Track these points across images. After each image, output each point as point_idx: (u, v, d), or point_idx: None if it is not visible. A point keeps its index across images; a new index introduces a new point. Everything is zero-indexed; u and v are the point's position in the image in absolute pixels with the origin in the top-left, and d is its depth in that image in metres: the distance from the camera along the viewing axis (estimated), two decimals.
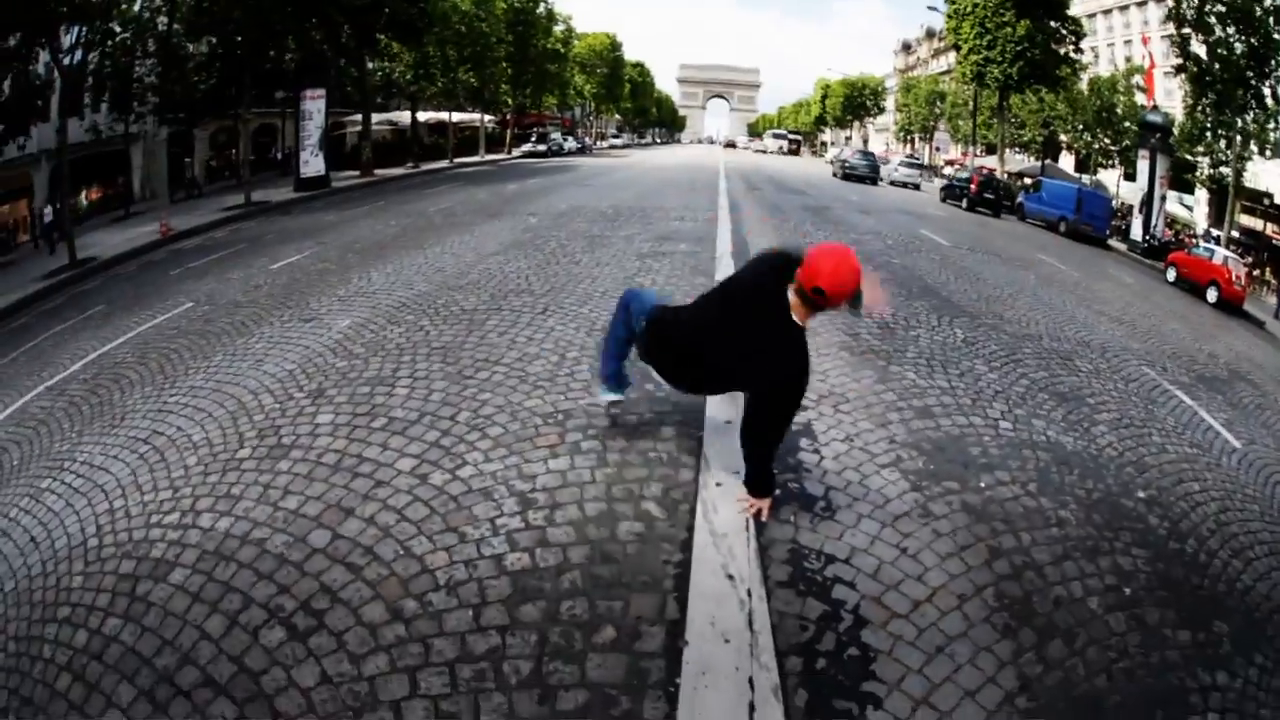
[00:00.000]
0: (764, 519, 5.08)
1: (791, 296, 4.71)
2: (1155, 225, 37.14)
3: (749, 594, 4.39)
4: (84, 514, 5.96)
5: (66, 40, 24.89)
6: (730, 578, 4.49)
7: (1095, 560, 5.40)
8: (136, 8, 29.72)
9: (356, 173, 41.30)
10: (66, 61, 24.86)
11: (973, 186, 42.69)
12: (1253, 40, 32.73)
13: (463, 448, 6.04)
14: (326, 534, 5.02)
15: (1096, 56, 62.54)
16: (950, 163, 77.67)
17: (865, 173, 51.46)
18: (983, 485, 6.08)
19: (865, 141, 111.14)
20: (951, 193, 44.39)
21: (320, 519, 5.20)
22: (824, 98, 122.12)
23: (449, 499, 5.33)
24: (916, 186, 53.83)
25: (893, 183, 53.48)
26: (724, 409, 6.47)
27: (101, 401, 8.78)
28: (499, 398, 6.99)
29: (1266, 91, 33.45)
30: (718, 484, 5.41)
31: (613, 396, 6.26)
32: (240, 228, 25.58)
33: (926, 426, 6.98)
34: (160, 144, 31.75)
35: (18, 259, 25.71)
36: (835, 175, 53.13)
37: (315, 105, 35.31)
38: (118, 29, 29.29)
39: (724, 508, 5.11)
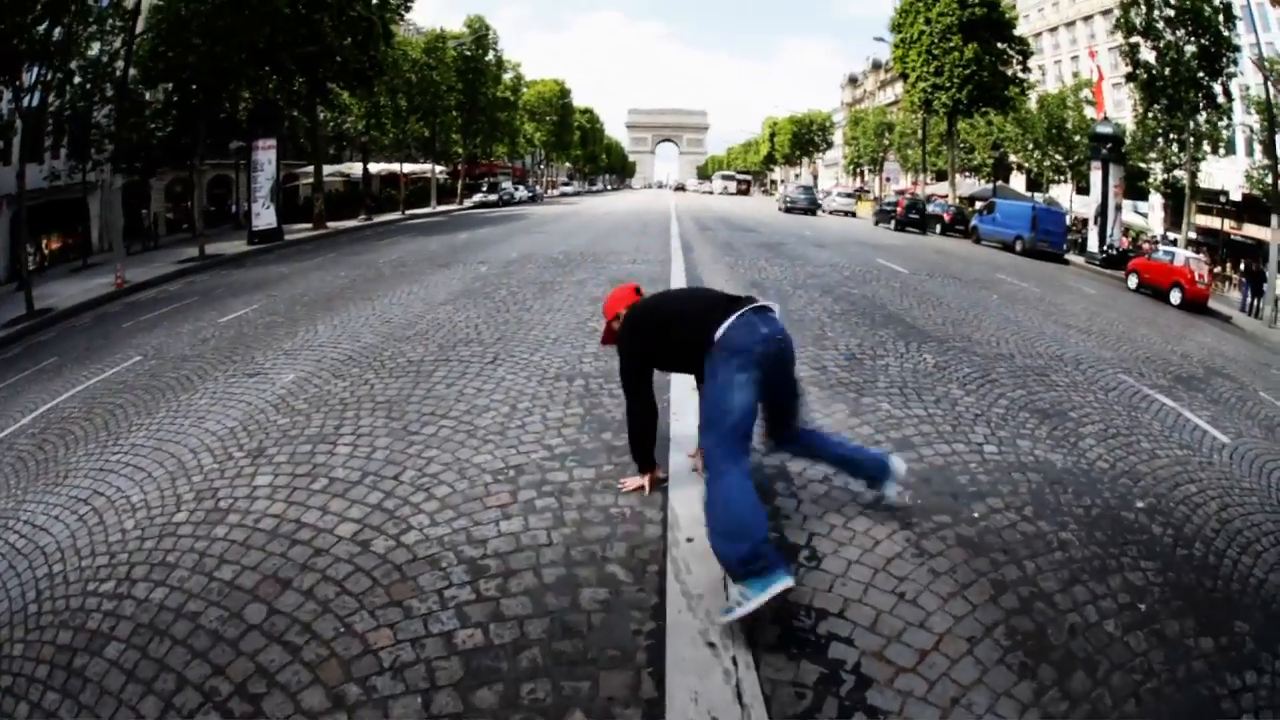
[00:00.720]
0: (646, 490, 5.60)
1: None
2: (1111, 234, 37.17)
3: (734, 662, 3.88)
4: (25, 577, 5.61)
5: (26, 80, 24.05)
6: (711, 645, 3.97)
7: (1105, 580, 5.03)
8: (95, 51, 29.18)
9: (309, 225, 40.60)
10: (26, 103, 24.07)
11: (899, 209, 47.50)
12: (1203, 40, 33.09)
13: (407, 510, 5.52)
14: (262, 609, 4.58)
15: (1044, 74, 63.38)
16: (900, 193, 77.53)
17: (805, 205, 56.14)
18: (976, 515, 5.64)
19: (815, 177, 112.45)
20: (883, 216, 49.18)
21: (256, 591, 4.75)
22: (772, 136, 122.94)
23: (392, 569, 4.81)
24: (852, 214, 58.93)
25: (831, 212, 58.79)
26: (688, 457, 6.03)
27: (47, 458, 8.33)
28: (446, 454, 6.49)
29: (1218, 89, 33.81)
30: (688, 539, 4.90)
31: (781, 584, 4.07)
32: (194, 280, 24.93)
33: (908, 459, 6.45)
34: (116, 193, 31.01)
35: None
36: (780, 210, 56.99)
37: (266, 155, 34.43)
38: (76, 74, 28.76)
39: (697, 566, 4.61)
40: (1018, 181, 63.54)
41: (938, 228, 46.43)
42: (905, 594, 4.59)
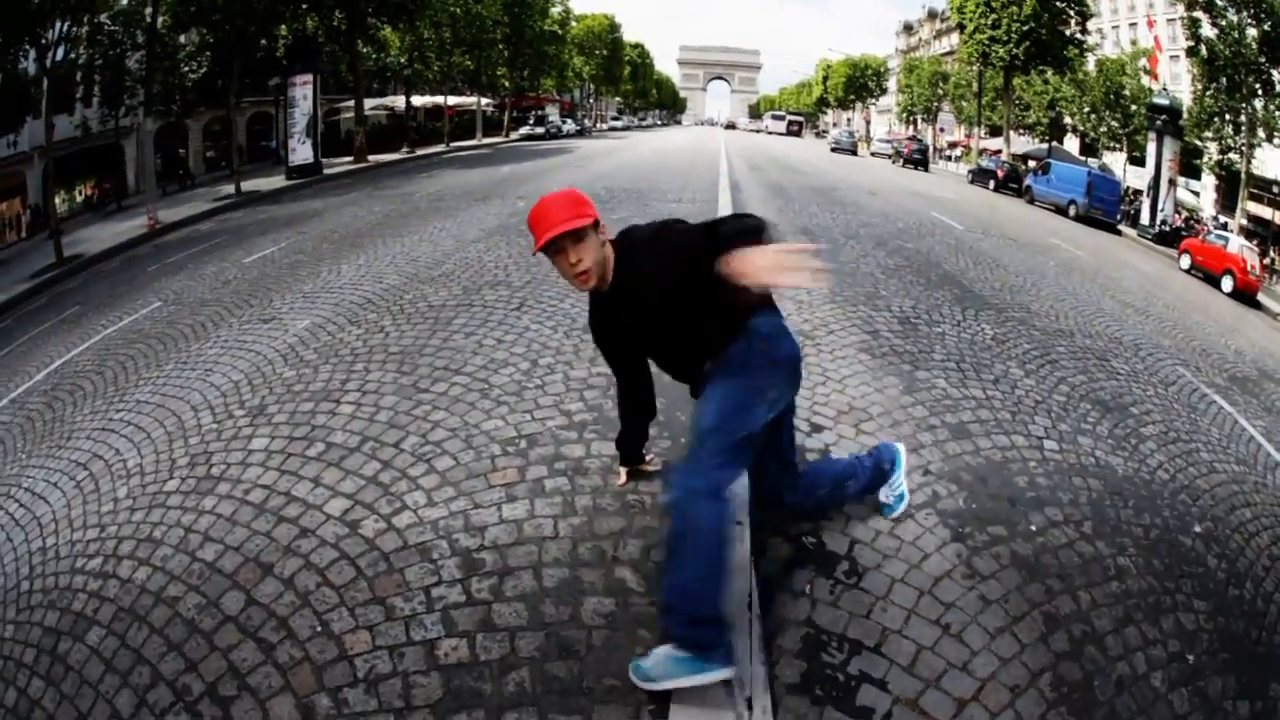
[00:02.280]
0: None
1: None
2: (1164, 210, 36.13)
3: (749, 705, 3.34)
4: (20, 551, 5.40)
5: (53, 35, 24.16)
6: (725, 682, 3.39)
7: (1158, 621, 4.47)
8: (124, 1, 28.98)
9: (350, 159, 40.21)
10: (56, 57, 24.39)
11: (906, 150, 58.40)
12: (1265, 26, 31.64)
13: (403, 485, 5.01)
14: (241, 598, 4.19)
15: (1103, 38, 61.43)
16: (953, 144, 78.11)
17: (848, 146, 68.61)
18: (1034, 528, 5.03)
19: (867, 123, 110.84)
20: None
21: (236, 576, 4.35)
22: (825, 79, 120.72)
23: (379, 557, 4.33)
24: (853, 151, 68.12)
25: (873, 154, 68.39)
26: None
27: (55, 417, 8.12)
28: (454, 417, 5.95)
29: (1278, 78, 32.41)
30: None
31: (718, 675, 3.36)
32: (227, 218, 24.66)
33: (964, 450, 5.91)
34: (149, 136, 30.86)
35: (9, 258, 25.00)
36: (830, 150, 66.52)
37: (303, 91, 34.36)
38: (107, 22, 28.50)
39: None
40: (1071, 144, 61.73)
41: (990, 184, 45.18)
42: (950, 626, 4.04)
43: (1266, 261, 32.74)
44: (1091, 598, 4.48)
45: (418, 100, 54.21)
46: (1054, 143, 59.28)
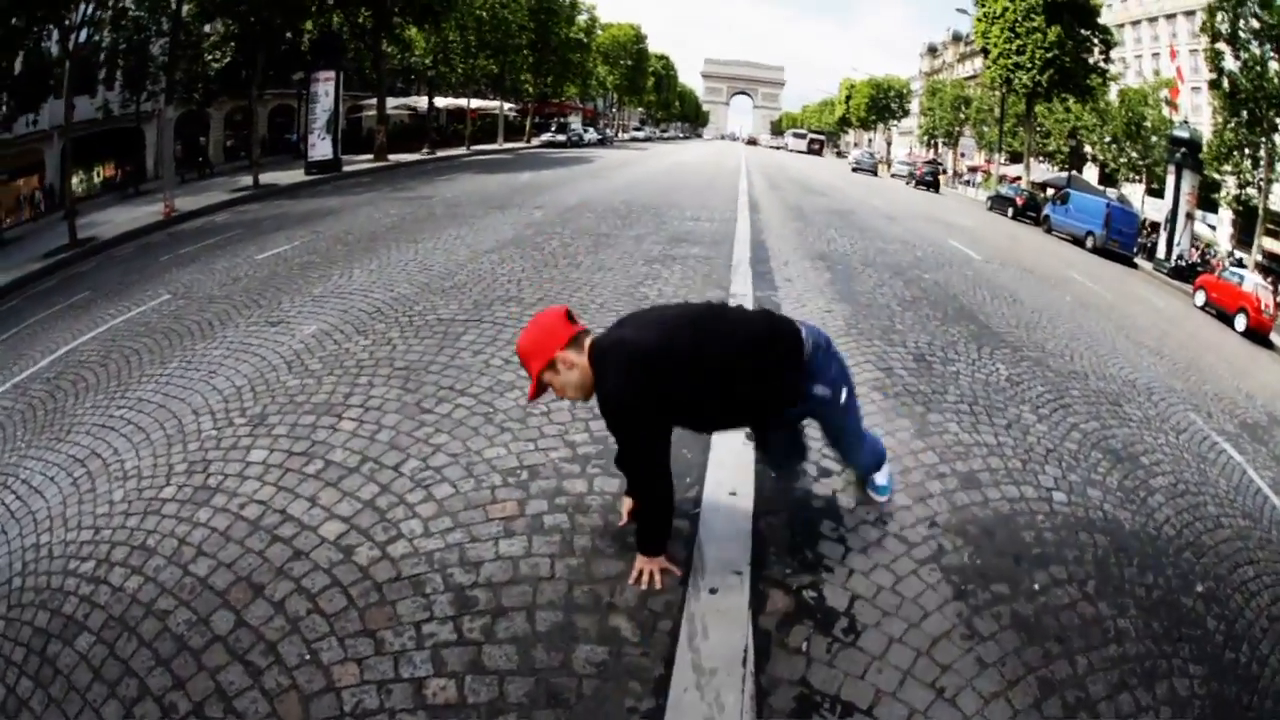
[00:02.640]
0: (656, 585, 4.25)
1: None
2: (1179, 243, 36.05)
3: None
4: (14, 545, 5.40)
5: (76, 17, 24.44)
6: None
7: (1153, 687, 4.36)
8: None
9: (371, 156, 40.37)
10: (79, 39, 24.59)
11: (919, 171, 61.75)
12: None
13: (400, 512, 4.93)
14: (231, 618, 4.14)
15: (1126, 68, 61.31)
16: (973, 169, 79.27)
17: (868, 166, 71.70)
18: (1036, 587, 4.92)
19: (889, 145, 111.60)
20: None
21: (227, 595, 4.30)
22: (848, 98, 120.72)
23: (372, 587, 4.26)
24: (873, 171, 71.11)
25: (893, 175, 70.65)
26: (726, 479, 5.32)
27: (57, 407, 8.14)
28: (456, 442, 5.87)
29: None
30: (711, 590, 4.22)
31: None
32: (243, 211, 24.76)
33: (973, 501, 5.81)
34: (169, 123, 31.02)
35: (23, 235, 25.19)
36: (851, 168, 69.87)
37: (324, 88, 34.73)
38: (131, 6, 28.63)
39: (715, 627, 3.94)
40: (1090, 173, 61.72)
41: (1009, 211, 45.22)
42: (945, 690, 3.94)
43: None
44: (1089, 662, 4.38)
45: (440, 101, 54.36)
46: (1073, 171, 59.22)
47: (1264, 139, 33.42)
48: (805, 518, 5.15)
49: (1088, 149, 57.58)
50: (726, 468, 5.44)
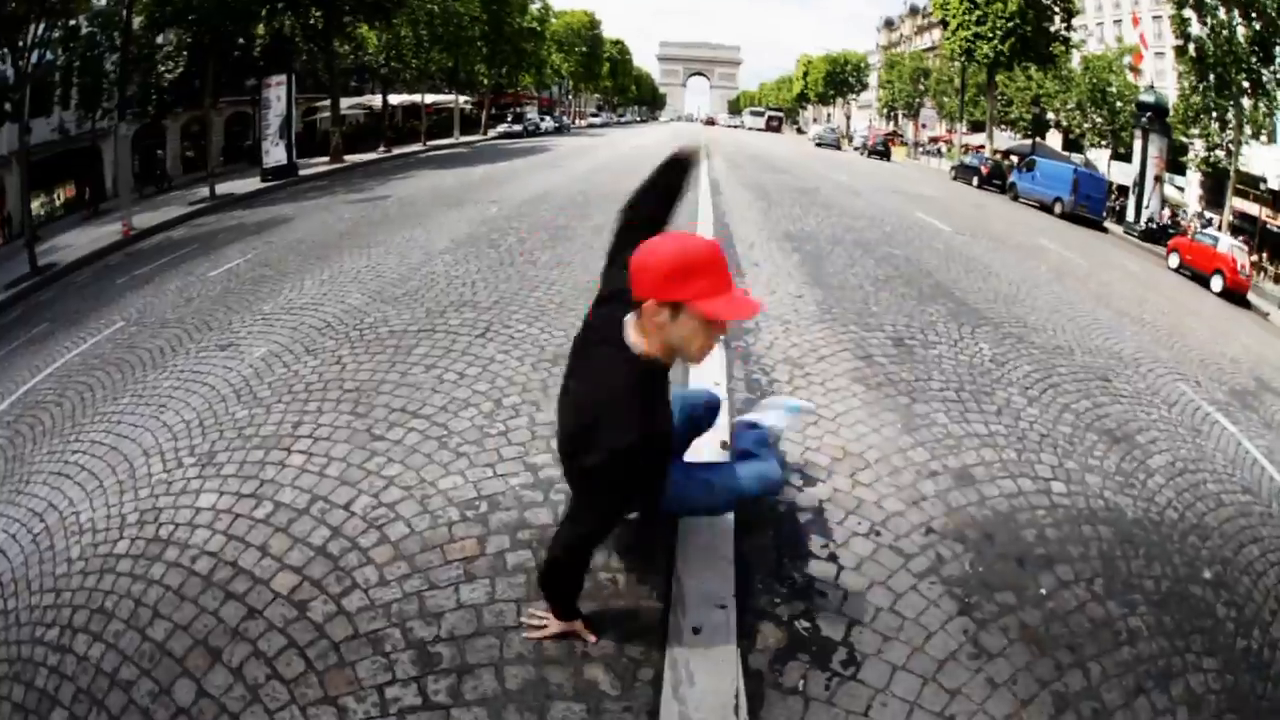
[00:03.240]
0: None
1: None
2: (1149, 206, 36.27)
3: None
4: None
5: (29, 39, 24.05)
6: None
7: (1168, 688, 4.15)
8: (102, 1, 28.68)
9: (327, 159, 39.84)
10: (34, 59, 24.24)
11: (870, 142, 69.03)
12: (1256, 25, 31.41)
13: (354, 559, 4.51)
14: (191, 687, 3.81)
15: (1088, 34, 61.43)
16: (934, 139, 79.26)
17: (831, 141, 74.19)
18: (1043, 592, 4.62)
19: (848, 118, 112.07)
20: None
21: (185, 662, 3.97)
22: (806, 75, 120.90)
23: (329, 647, 3.88)
24: (836, 146, 72.96)
25: (856, 149, 72.71)
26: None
27: (17, 454, 7.80)
28: (410, 472, 5.43)
29: (1267, 76, 32.22)
30: (695, 629, 3.85)
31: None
32: (200, 224, 24.45)
33: (969, 501, 5.47)
34: (126, 140, 30.64)
35: None
36: (814, 144, 73.52)
37: (276, 93, 34.43)
38: (84, 23, 28.26)
39: (702, 672, 3.59)
40: (1054, 140, 61.91)
41: (974, 180, 45.32)
42: (956, 719, 3.63)
43: (1254, 260, 32.66)
44: (1102, 669, 4.13)
45: (395, 99, 53.90)
46: (1037, 139, 59.33)
47: (1232, 103, 33.39)
48: (791, 535, 4.80)
49: (1051, 116, 57.69)
50: None
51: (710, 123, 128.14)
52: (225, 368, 8.26)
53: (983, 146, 56.07)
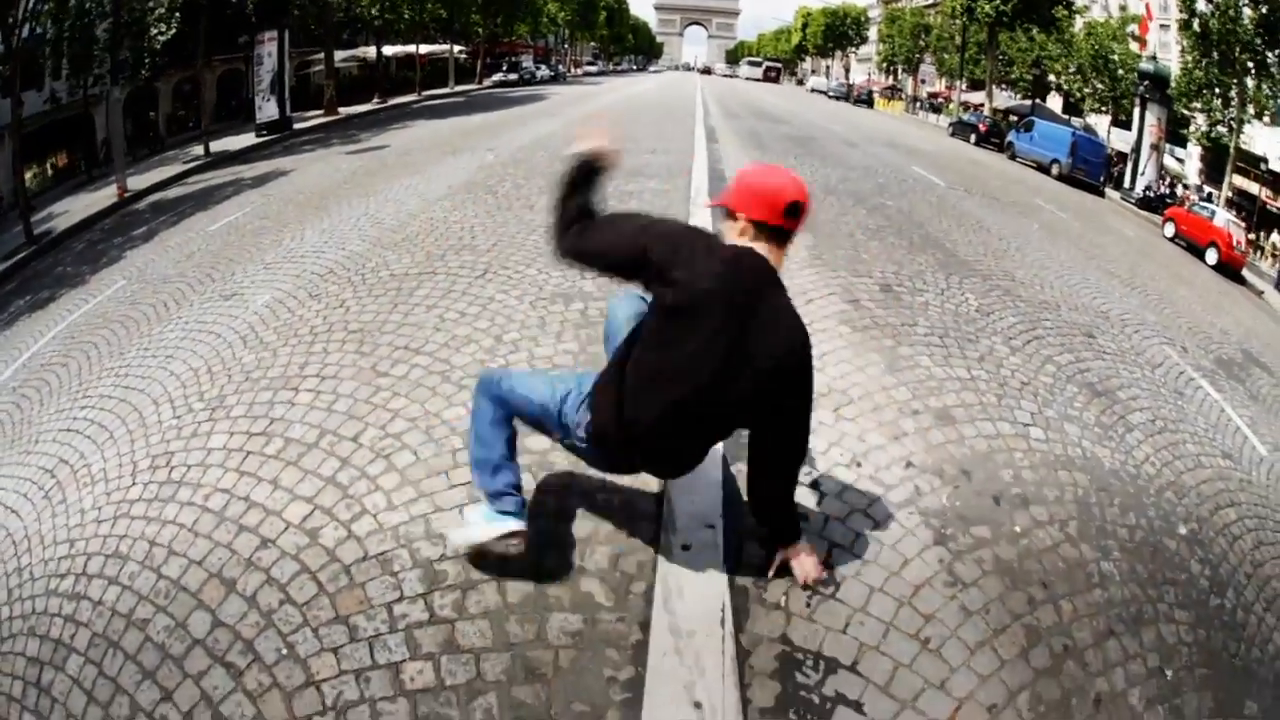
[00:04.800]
0: (820, 577, 3.99)
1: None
2: (1144, 173, 36.44)
3: None
4: None
5: (18, 14, 23.91)
6: (698, 706, 3.24)
7: (1139, 633, 4.33)
8: None
9: (321, 111, 39.62)
10: (23, 35, 24.12)
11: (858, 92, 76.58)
12: (1263, 9, 31.23)
13: (362, 486, 4.73)
14: (207, 618, 3.96)
15: (1092, 1, 61.00)
16: (933, 95, 78.16)
17: (840, 94, 77.53)
18: (1018, 529, 4.83)
19: (847, 71, 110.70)
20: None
21: (200, 594, 4.12)
22: (805, 26, 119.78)
23: (340, 570, 4.09)
24: (847, 98, 74.86)
25: (855, 102, 74.07)
26: None
27: (24, 418, 7.98)
28: (414, 405, 5.65)
29: (1273, 59, 32.06)
30: (684, 546, 4.10)
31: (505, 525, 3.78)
32: (196, 181, 24.32)
33: (949, 439, 5.69)
34: (117, 104, 30.39)
35: None
36: (832, 98, 75.17)
37: (268, 49, 34.19)
38: None
39: (691, 587, 3.85)
40: (1054, 103, 61.54)
41: (971, 138, 45.34)
42: (929, 641, 3.85)
43: (1251, 237, 32.75)
44: (1074, 607, 4.33)
45: (389, 50, 53.23)
46: (1037, 100, 59.07)
47: (1235, 81, 33.23)
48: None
49: (1051, 79, 57.38)
50: None
51: (706, 71, 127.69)
52: (230, 316, 8.41)
53: (982, 105, 55.82)
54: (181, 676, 3.68)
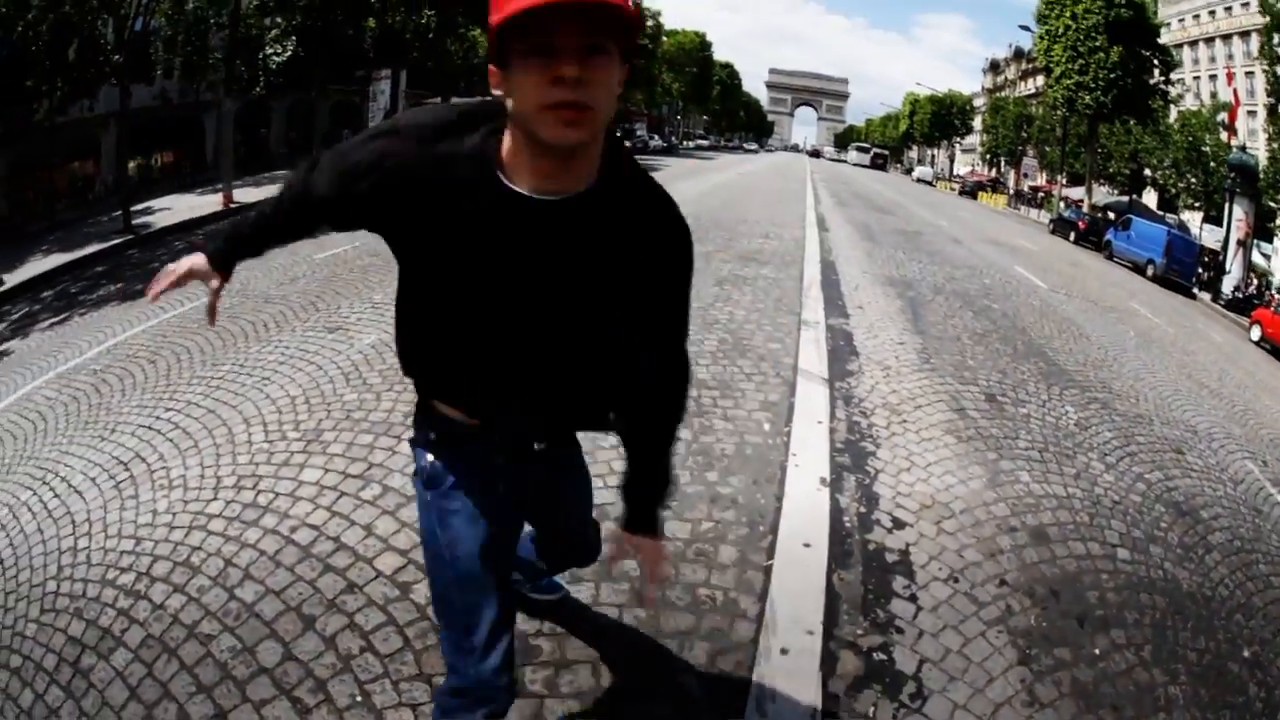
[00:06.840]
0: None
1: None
2: (1230, 272, 35.87)
3: None
4: (49, 547, 5.26)
5: (131, 6, 25.09)
6: None
7: None
8: None
9: None
10: (135, 27, 25.28)
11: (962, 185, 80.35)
12: None
13: None
14: (278, 649, 3.98)
15: (1185, 89, 60.28)
16: (1035, 189, 77.50)
17: (929, 179, 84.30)
18: (1097, 652, 4.81)
19: (951, 161, 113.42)
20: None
21: (275, 625, 4.14)
22: (912, 113, 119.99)
23: (429, 628, 4.12)
24: (974, 195, 75.54)
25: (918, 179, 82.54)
26: (800, 529, 5.24)
27: (102, 402, 8.11)
28: None
29: None
30: (783, 651, 4.14)
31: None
32: None
33: (1042, 559, 5.69)
34: (228, 114, 31.40)
35: (77, 219, 25.54)
36: (915, 180, 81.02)
37: (382, 86, 35.38)
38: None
39: (784, 691, 3.88)
40: (1149, 198, 60.81)
41: (1071, 236, 45.02)
42: None
43: None
44: None
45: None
46: (1134, 196, 58.36)
47: None
48: (879, 573, 5.07)
49: (1147, 172, 56.70)
50: (800, 517, 5.38)
51: (815, 154, 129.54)
52: (333, 349, 8.62)
53: (1081, 201, 55.29)
54: (241, 699, 3.68)
